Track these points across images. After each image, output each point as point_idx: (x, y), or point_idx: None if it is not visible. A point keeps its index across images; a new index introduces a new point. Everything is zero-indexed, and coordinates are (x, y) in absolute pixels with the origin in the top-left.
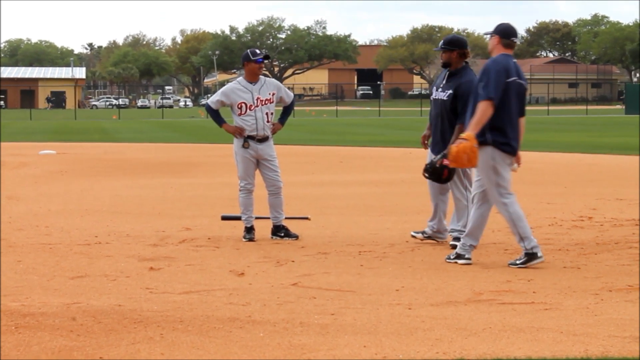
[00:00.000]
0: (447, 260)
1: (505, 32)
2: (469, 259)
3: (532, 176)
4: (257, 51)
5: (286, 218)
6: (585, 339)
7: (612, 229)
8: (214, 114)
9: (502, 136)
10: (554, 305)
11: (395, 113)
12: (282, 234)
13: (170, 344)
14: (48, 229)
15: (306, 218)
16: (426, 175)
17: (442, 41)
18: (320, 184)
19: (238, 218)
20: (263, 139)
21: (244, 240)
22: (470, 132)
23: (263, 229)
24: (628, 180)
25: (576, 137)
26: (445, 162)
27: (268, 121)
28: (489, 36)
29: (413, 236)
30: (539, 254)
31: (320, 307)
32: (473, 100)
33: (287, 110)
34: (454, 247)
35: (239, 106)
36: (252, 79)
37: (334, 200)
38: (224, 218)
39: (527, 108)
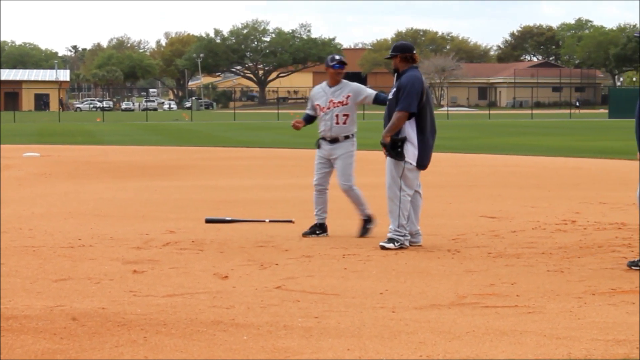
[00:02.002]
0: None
1: None
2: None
3: (516, 180)
4: (336, 57)
5: (270, 221)
6: (568, 343)
7: (596, 233)
8: (305, 114)
9: None
10: (537, 308)
11: (379, 116)
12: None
13: (153, 347)
14: (32, 231)
15: (290, 221)
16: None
17: None
18: (305, 187)
19: (222, 221)
20: (333, 140)
21: (316, 234)
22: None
23: (247, 232)
24: (611, 184)
25: (560, 141)
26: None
27: (338, 123)
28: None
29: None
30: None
31: (304, 310)
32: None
33: (382, 104)
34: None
35: (315, 108)
36: (332, 83)
37: None
38: (208, 221)
39: (512, 112)
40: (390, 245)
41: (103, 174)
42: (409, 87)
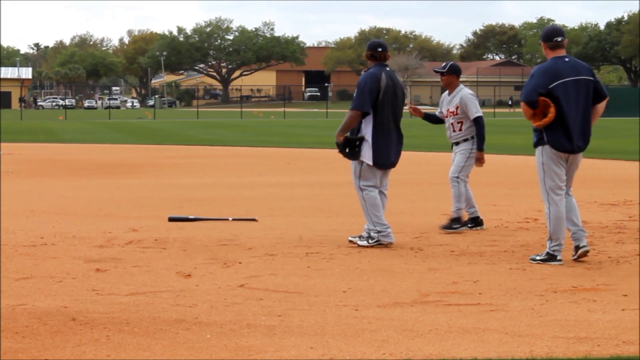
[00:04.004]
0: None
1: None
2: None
3: (479, 178)
4: (443, 63)
5: (233, 219)
6: (530, 340)
7: None
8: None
9: None
10: (499, 306)
11: (342, 115)
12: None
13: (116, 346)
14: None
15: (253, 219)
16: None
17: None
18: (267, 185)
19: (185, 219)
20: (455, 144)
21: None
22: None
23: (210, 230)
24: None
25: (522, 140)
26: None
27: (454, 131)
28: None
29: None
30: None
31: (267, 308)
32: None
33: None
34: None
35: (442, 113)
36: (448, 90)
37: (281, 202)
38: (171, 219)
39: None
40: (364, 243)
41: (65, 172)
42: (362, 86)
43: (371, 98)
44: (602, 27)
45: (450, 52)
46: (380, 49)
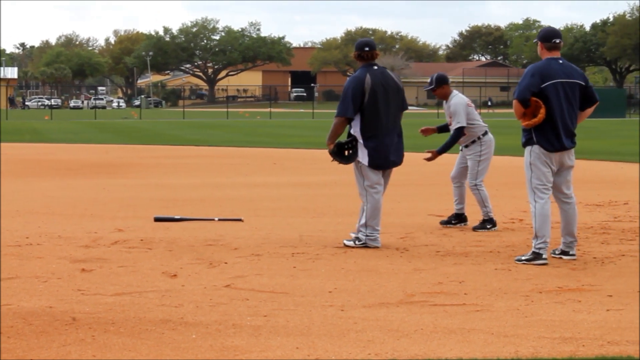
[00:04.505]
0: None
1: None
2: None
3: None
4: (428, 80)
5: (219, 220)
6: (515, 340)
7: None
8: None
9: None
10: (485, 306)
11: (328, 115)
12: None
13: (101, 346)
14: None
15: (239, 220)
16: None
17: None
18: (253, 185)
19: (171, 219)
20: (465, 146)
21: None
22: None
23: (196, 230)
24: None
25: (507, 140)
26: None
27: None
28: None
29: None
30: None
31: (253, 308)
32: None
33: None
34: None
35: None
36: (445, 100)
37: (267, 202)
38: (157, 220)
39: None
40: (350, 243)
41: (51, 172)
42: (344, 92)
43: (355, 102)
44: (587, 28)
45: (436, 53)
46: (367, 49)
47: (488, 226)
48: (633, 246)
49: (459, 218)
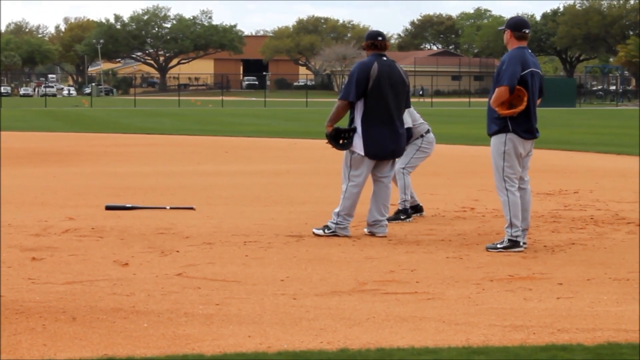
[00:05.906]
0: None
1: None
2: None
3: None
4: None
5: (171, 208)
6: (466, 328)
7: (494, 220)
8: None
9: None
10: (436, 295)
11: (280, 104)
12: None
13: (52, 335)
14: None
15: (191, 208)
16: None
17: None
18: (205, 174)
19: (122, 208)
20: None
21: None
22: None
23: (147, 219)
24: None
25: (459, 129)
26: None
27: None
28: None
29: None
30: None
31: (205, 297)
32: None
33: None
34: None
35: None
36: None
37: (219, 191)
38: (108, 208)
39: (413, 100)
40: (319, 232)
41: (0, 161)
42: (350, 76)
43: (358, 87)
44: (538, 18)
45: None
46: (380, 38)
47: (402, 217)
48: (583, 235)
49: (414, 209)
